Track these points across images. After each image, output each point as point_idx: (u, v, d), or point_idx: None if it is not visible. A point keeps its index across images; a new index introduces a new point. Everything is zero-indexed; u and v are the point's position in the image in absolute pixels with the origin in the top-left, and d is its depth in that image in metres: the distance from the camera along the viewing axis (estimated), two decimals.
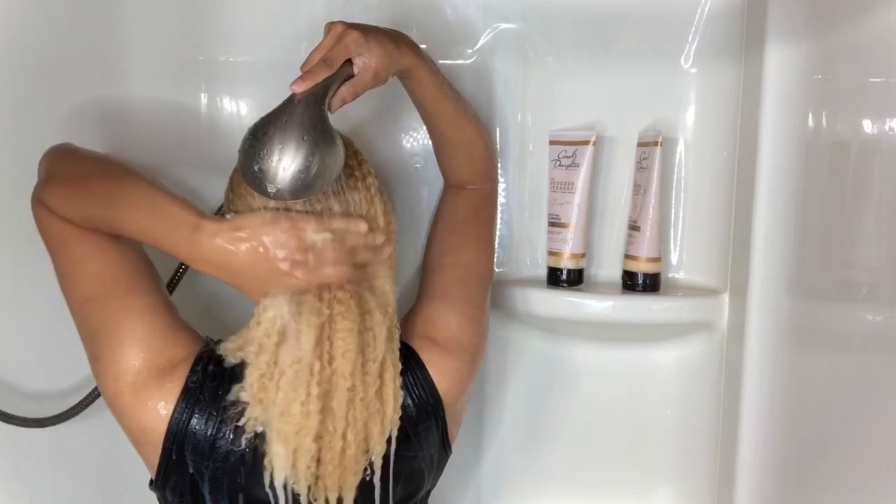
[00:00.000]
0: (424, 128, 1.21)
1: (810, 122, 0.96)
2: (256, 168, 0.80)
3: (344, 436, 0.85)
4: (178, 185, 1.23)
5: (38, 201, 0.91)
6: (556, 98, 1.22)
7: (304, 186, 0.81)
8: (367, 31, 0.89)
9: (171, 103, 1.22)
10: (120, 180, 0.88)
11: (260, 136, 0.81)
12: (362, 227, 0.85)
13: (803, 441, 0.96)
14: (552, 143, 1.20)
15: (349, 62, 0.88)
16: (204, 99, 1.24)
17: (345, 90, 0.87)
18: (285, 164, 0.79)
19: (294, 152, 0.79)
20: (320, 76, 0.84)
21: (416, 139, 1.24)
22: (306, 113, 0.82)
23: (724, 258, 1.16)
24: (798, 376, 0.98)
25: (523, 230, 1.26)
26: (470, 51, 1.21)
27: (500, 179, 1.20)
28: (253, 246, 0.80)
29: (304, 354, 0.84)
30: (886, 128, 0.79)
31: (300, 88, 0.83)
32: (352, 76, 0.88)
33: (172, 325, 0.88)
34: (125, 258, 0.89)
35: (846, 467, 0.85)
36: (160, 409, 0.84)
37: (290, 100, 0.83)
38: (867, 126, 0.84)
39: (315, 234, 0.81)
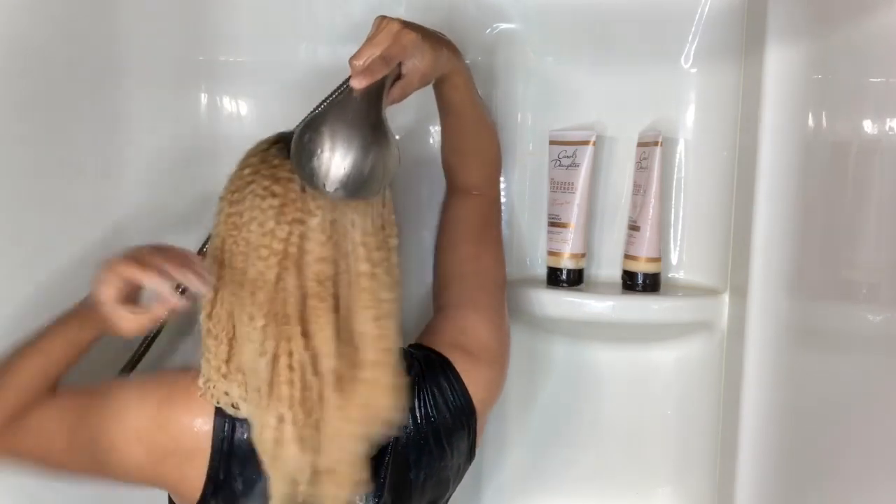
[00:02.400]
0: (425, 128, 1.22)
1: (810, 122, 0.96)
2: (315, 164, 0.77)
3: (345, 437, 0.83)
4: (178, 184, 1.23)
5: None
6: (556, 98, 1.22)
7: (361, 186, 0.78)
8: (421, 32, 0.87)
9: (171, 103, 1.22)
10: (19, 355, 0.89)
11: (322, 129, 0.77)
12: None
13: (803, 441, 0.96)
14: (552, 143, 1.20)
15: (399, 63, 0.86)
16: (204, 99, 1.24)
17: (395, 91, 0.86)
18: (346, 161, 0.76)
19: (356, 150, 0.77)
20: (379, 73, 0.81)
21: (418, 139, 1.24)
22: (370, 111, 0.79)
23: (724, 258, 1.16)
24: (798, 376, 0.98)
25: (523, 230, 1.26)
26: (469, 51, 1.21)
27: (501, 180, 1.20)
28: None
29: (259, 374, 0.82)
30: (886, 128, 0.79)
31: (361, 84, 0.80)
32: (399, 76, 0.86)
33: (150, 372, 0.90)
34: (61, 395, 0.88)
35: (846, 467, 0.85)
36: (199, 425, 0.84)
37: (349, 95, 0.80)
38: (867, 126, 0.84)
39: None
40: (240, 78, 1.23)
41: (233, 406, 0.84)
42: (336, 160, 0.76)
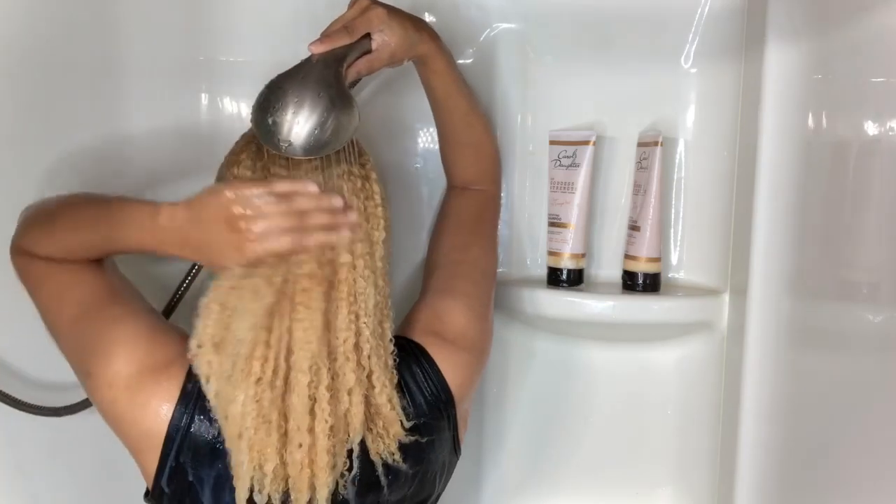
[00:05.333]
0: (425, 128, 1.22)
1: (810, 122, 0.96)
2: (270, 121, 0.79)
3: (310, 431, 0.81)
4: (178, 184, 1.23)
5: (16, 250, 0.92)
6: (556, 98, 1.22)
7: (316, 144, 0.79)
8: (391, 10, 0.91)
9: (171, 103, 1.22)
10: (81, 205, 0.90)
11: (276, 89, 0.81)
12: (310, 187, 0.77)
13: (803, 441, 0.96)
14: (552, 143, 1.20)
15: (369, 37, 0.89)
16: (204, 99, 1.24)
17: (361, 63, 0.89)
18: (300, 118, 0.79)
19: (310, 108, 0.79)
20: (339, 41, 0.85)
21: (417, 139, 1.24)
22: (324, 72, 0.82)
23: (724, 258, 1.16)
24: (798, 376, 0.98)
25: (523, 230, 1.26)
26: (470, 51, 1.21)
27: (501, 179, 1.20)
28: (204, 215, 0.77)
29: (242, 345, 0.80)
30: (886, 128, 0.79)
31: (318, 49, 0.84)
32: (369, 51, 0.89)
33: (157, 327, 0.88)
34: (102, 277, 0.90)
35: (846, 467, 0.85)
36: (161, 410, 0.83)
37: (308, 59, 0.84)
38: (867, 126, 0.84)
39: (258, 197, 0.75)
40: (240, 78, 1.23)
41: (206, 379, 0.82)
42: (290, 116, 0.79)
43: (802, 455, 0.96)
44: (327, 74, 0.82)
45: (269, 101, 0.80)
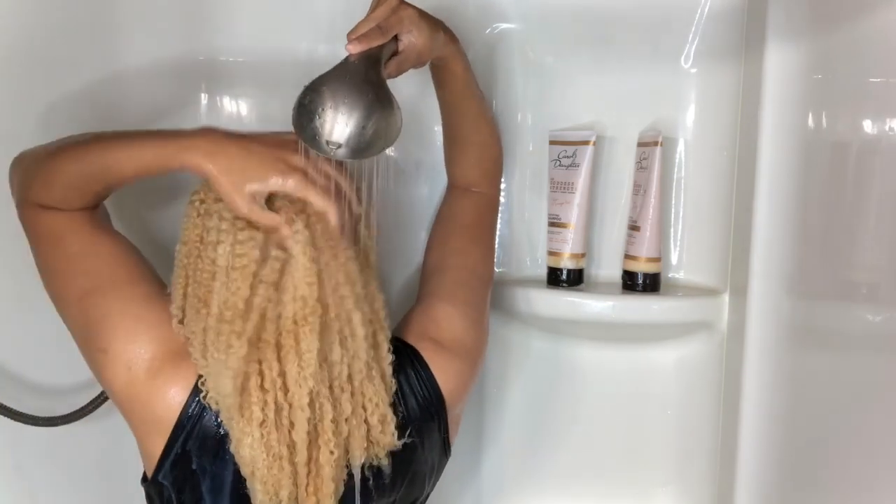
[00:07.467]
0: (426, 128, 1.22)
1: (810, 122, 0.96)
2: (317, 123, 0.76)
3: (314, 462, 0.82)
4: (178, 185, 1.23)
5: (23, 202, 0.90)
6: (556, 98, 1.22)
7: (365, 144, 0.77)
8: (420, 11, 0.90)
9: (172, 103, 1.22)
10: (90, 138, 0.88)
11: (322, 90, 0.77)
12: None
13: (803, 441, 0.96)
14: (552, 143, 1.20)
15: (395, 38, 0.87)
16: (204, 99, 1.24)
17: (392, 65, 0.87)
18: (348, 119, 0.76)
19: (358, 107, 0.76)
20: (375, 41, 0.83)
21: (418, 139, 1.24)
22: (367, 72, 0.80)
23: (724, 258, 1.16)
24: (798, 376, 0.98)
25: (523, 230, 1.26)
26: (470, 51, 1.21)
27: (501, 183, 1.20)
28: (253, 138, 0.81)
29: (229, 397, 0.80)
30: (886, 128, 0.79)
31: (356, 49, 0.82)
32: (395, 52, 0.88)
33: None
34: (119, 250, 0.89)
35: (846, 467, 0.85)
36: (174, 396, 0.83)
37: (346, 60, 0.81)
38: (867, 126, 0.84)
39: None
40: (240, 78, 1.23)
41: (216, 413, 0.83)
42: (338, 118, 0.76)
43: (802, 455, 0.96)
44: (370, 75, 0.79)
45: (314, 102, 0.77)
